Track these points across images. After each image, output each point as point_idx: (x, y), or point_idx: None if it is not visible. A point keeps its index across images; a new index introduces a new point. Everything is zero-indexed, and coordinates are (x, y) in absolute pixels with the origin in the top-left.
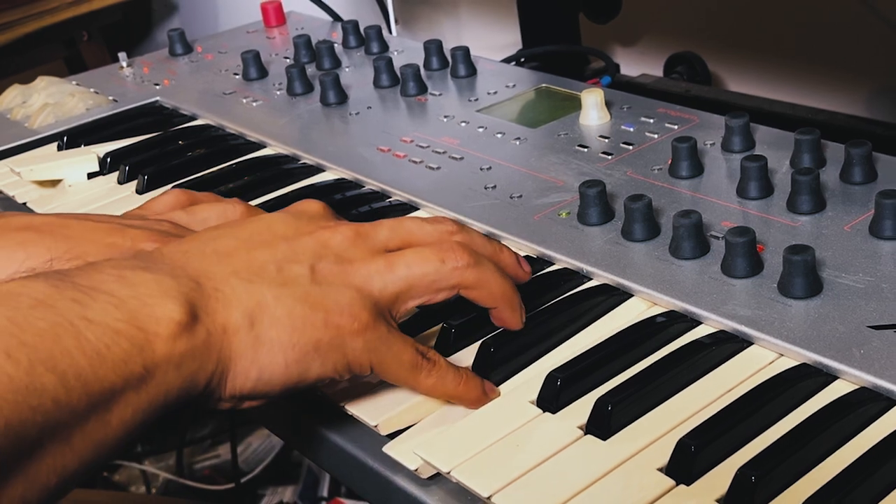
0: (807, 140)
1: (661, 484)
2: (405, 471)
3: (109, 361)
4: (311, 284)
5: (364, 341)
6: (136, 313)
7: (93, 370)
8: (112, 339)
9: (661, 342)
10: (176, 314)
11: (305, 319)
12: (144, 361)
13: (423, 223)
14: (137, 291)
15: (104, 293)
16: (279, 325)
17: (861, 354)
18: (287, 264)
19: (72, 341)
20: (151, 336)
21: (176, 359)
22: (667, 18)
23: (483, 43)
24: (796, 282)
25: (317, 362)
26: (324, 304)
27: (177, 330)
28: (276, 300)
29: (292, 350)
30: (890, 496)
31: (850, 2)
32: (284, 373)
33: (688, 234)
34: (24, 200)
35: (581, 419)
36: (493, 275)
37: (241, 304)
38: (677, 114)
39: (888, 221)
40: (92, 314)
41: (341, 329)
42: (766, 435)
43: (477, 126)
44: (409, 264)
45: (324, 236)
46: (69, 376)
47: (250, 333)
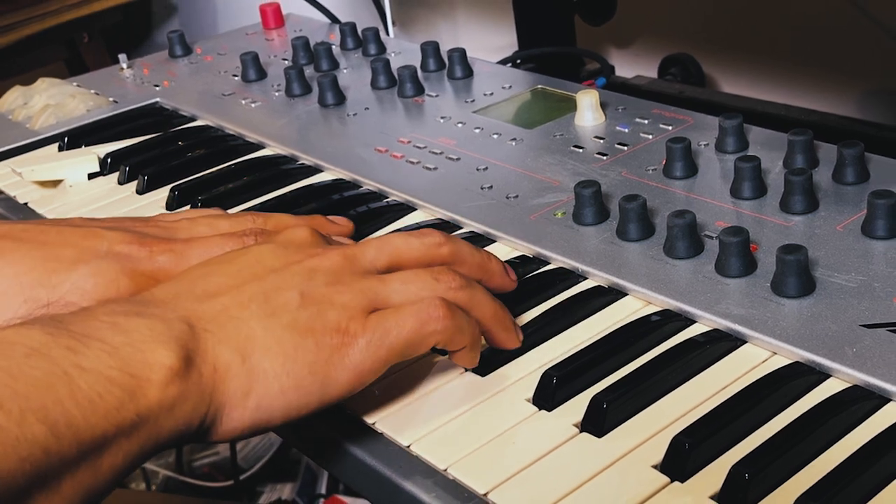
0: (800, 141)
1: (656, 481)
2: (403, 468)
3: (101, 409)
4: (299, 310)
5: (360, 349)
6: (128, 360)
7: (84, 419)
8: (105, 386)
9: (655, 341)
10: (168, 360)
11: (296, 345)
12: (137, 408)
13: (409, 238)
14: (131, 338)
15: (98, 340)
16: (271, 355)
17: (853, 353)
18: (275, 293)
19: (64, 390)
20: (144, 382)
21: (168, 403)
22: (661, 21)
23: (479, 45)
24: (789, 281)
25: (317, 385)
26: (312, 327)
27: (169, 375)
28: (265, 331)
29: (287, 377)
30: (882, 493)
31: (843, 4)
32: (282, 401)
33: (682, 234)
34: (26, 200)
35: (576, 417)
36: (482, 297)
37: (231, 341)
38: (671, 115)
39: (880, 221)
40: (85, 362)
41: (333, 347)
42: (759, 433)
43: (473, 127)
44: (403, 281)
45: (312, 263)
46: (60, 425)
47: (243, 368)
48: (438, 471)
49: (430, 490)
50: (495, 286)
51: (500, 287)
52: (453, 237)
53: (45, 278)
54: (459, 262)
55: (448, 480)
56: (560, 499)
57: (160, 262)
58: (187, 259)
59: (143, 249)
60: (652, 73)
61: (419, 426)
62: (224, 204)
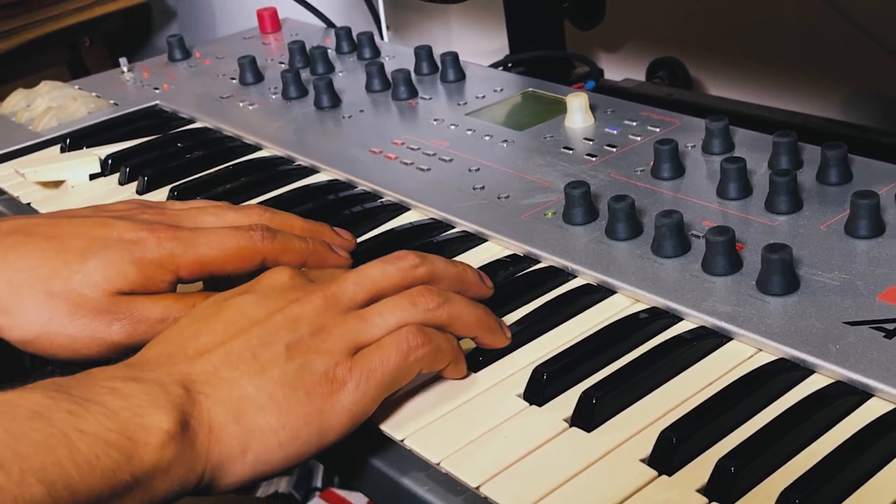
0: (784, 142)
1: (644, 475)
2: (397, 462)
3: (99, 471)
4: (287, 363)
5: (350, 392)
6: (126, 424)
7: (82, 480)
8: (102, 449)
9: (643, 338)
10: (164, 423)
11: (289, 399)
12: (133, 470)
13: (384, 266)
14: (129, 403)
15: (97, 404)
16: (265, 412)
17: (837, 349)
18: (262, 349)
19: (64, 452)
20: (141, 445)
21: (164, 465)
22: (649, 25)
23: (472, 49)
24: (774, 279)
25: (313, 434)
26: (302, 378)
27: (165, 438)
28: (256, 389)
29: (283, 430)
30: (864, 487)
31: (826, 9)
32: (280, 453)
33: (669, 234)
34: (28, 201)
35: (566, 412)
36: (463, 308)
37: (224, 402)
38: (659, 117)
39: (863, 221)
40: (85, 425)
41: (324, 396)
42: (744, 427)
43: (466, 129)
44: (382, 314)
45: (294, 311)
46: (58, 486)
47: (237, 428)
48: (432, 464)
49: (423, 483)
50: (472, 296)
51: (477, 296)
52: (427, 256)
53: (58, 270)
54: (437, 279)
55: (441, 474)
56: (550, 492)
57: (167, 248)
58: (194, 247)
59: (151, 237)
60: (640, 76)
61: (413, 421)
62: None
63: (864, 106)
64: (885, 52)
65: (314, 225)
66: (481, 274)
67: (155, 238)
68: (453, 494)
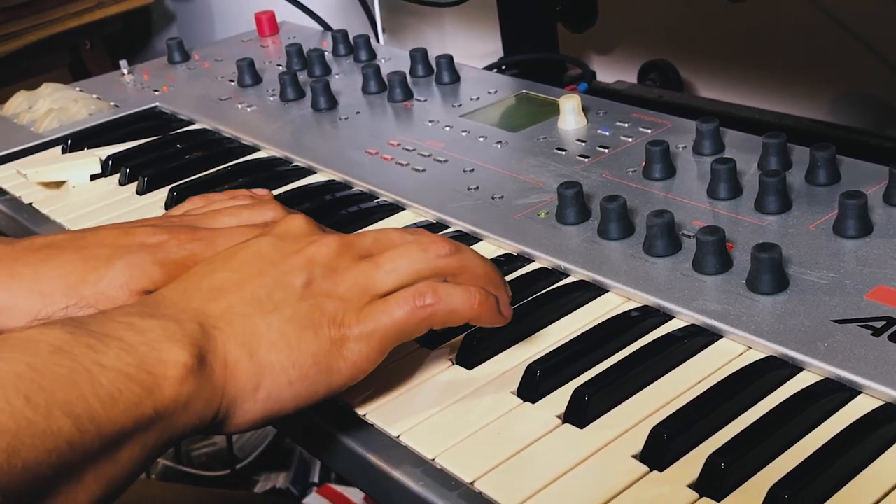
0: (773, 143)
1: (636, 470)
2: (392, 457)
3: (121, 405)
4: (299, 302)
5: (355, 339)
6: (145, 358)
7: (106, 413)
8: (124, 383)
9: (635, 336)
10: (182, 357)
11: (299, 337)
12: (154, 404)
13: (404, 233)
14: (146, 338)
15: (116, 339)
16: (276, 349)
17: (825, 347)
18: (276, 289)
19: (87, 386)
20: (160, 379)
21: (184, 399)
22: (641, 28)
23: (466, 51)
24: (764, 278)
25: (322, 375)
26: (312, 318)
27: (184, 372)
28: (268, 326)
29: (293, 368)
30: (852, 482)
31: (816, 13)
32: (291, 391)
33: (661, 233)
34: (30, 201)
35: (559, 409)
36: (474, 260)
37: (238, 338)
38: (651, 119)
39: (851, 221)
40: (105, 360)
41: (333, 339)
42: (735, 424)
43: (460, 130)
44: (393, 259)
45: (309, 252)
46: (84, 420)
47: (251, 363)
48: (426, 460)
49: (418, 479)
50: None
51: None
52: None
53: (86, 276)
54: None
55: (436, 469)
56: (543, 487)
57: (188, 248)
58: (214, 246)
59: (172, 239)
60: (632, 78)
61: (408, 417)
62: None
63: (853, 108)
64: (874, 55)
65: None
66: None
67: (176, 240)
68: (448, 489)
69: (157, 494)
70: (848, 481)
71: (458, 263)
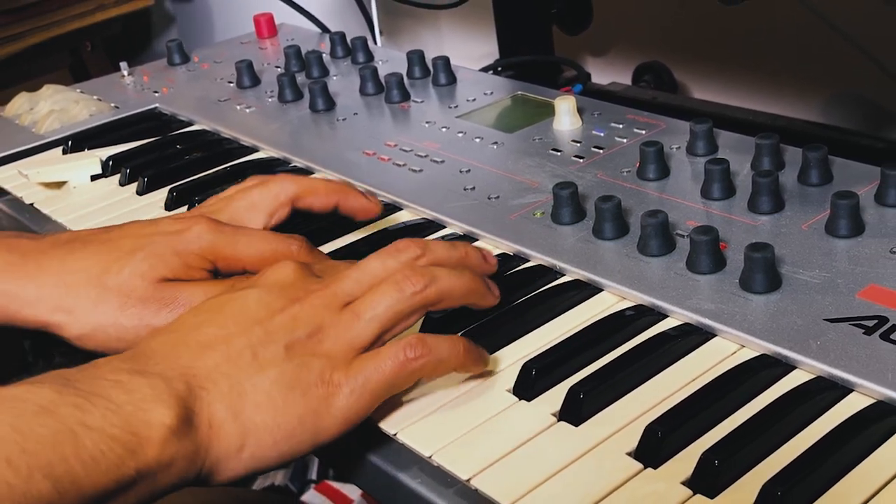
0: (766, 144)
1: (630, 467)
2: (389, 455)
3: (104, 466)
4: (285, 363)
5: (344, 396)
6: (130, 419)
7: (87, 475)
8: (107, 444)
9: (629, 334)
10: (167, 419)
11: (285, 399)
12: (137, 465)
13: (385, 259)
14: (133, 397)
15: (103, 398)
16: (261, 410)
17: (818, 346)
18: (262, 348)
19: (70, 448)
20: (144, 441)
21: (166, 460)
22: (635, 30)
23: (462, 53)
24: (757, 277)
25: (307, 434)
26: (299, 379)
27: (168, 434)
28: (254, 387)
29: (278, 430)
30: (844, 479)
31: (808, 15)
32: (275, 451)
33: (655, 233)
34: (32, 201)
35: (554, 407)
36: (451, 282)
37: (224, 398)
38: (645, 120)
39: (843, 221)
40: (90, 420)
41: (319, 398)
42: (728, 421)
43: (457, 131)
44: (372, 307)
45: (294, 311)
46: (65, 482)
47: (235, 424)
48: (423, 457)
49: (415, 476)
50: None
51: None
52: (427, 243)
53: (109, 266)
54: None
55: (433, 467)
56: (539, 484)
57: (207, 239)
58: (233, 244)
59: (193, 229)
60: (626, 80)
61: (405, 416)
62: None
63: (845, 109)
64: (865, 56)
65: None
66: (485, 252)
67: (196, 230)
68: (444, 487)
69: None
70: (840, 478)
71: (435, 294)
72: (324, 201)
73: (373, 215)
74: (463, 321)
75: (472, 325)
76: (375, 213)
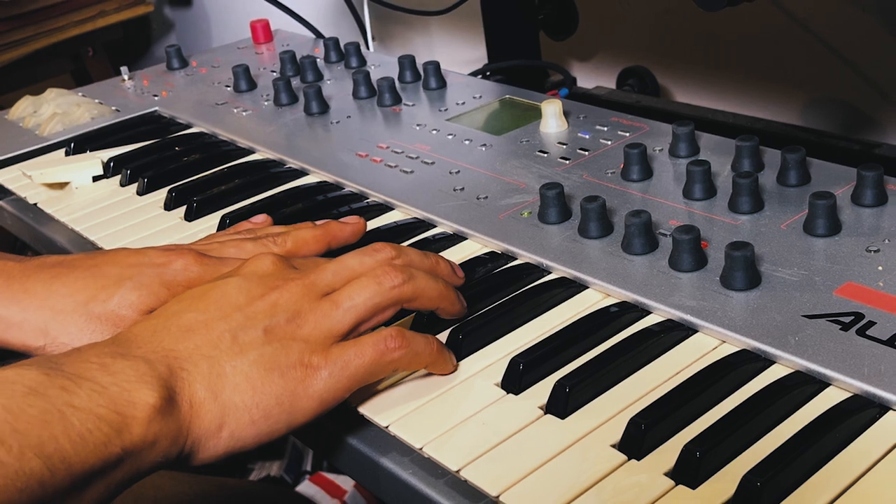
0: (746, 146)
1: (614, 459)
2: (381, 447)
3: (91, 445)
4: (264, 346)
5: (322, 379)
6: (116, 399)
7: (76, 453)
8: (95, 423)
9: (614, 330)
10: (151, 399)
11: (263, 380)
12: (123, 443)
13: (363, 257)
14: (117, 378)
15: (88, 380)
16: (240, 391)
17: (796, 341)
18: (241, 332)
19: (59, 427)
20: (129, 420)
21: (151, 439)
22: (619, 36)
23: (452, 58)
24: (737, 275)
25: (283, 415)
26: (277, 362)
27: (152, 413)
28: (234, 369)
29: (256, 409)
30: (822, 470)
31: (787, 21)
32: (253, 430)
33: (638, 232)
34: (35, 201)
35: (541, 400)
36: (426, 283)
37: (204, 379)
38: (629, 122)
39: (820, 220)
40: (77, 401)
41: (297, 380)
42: (709, 414)
43: (447, 133)
44: (350, 296)
45: (273, 297)
46: (55, 460)
47: (215, 404)
48: (414, 449)
49: (406, 467)
50: None
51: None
52: (402, 248)
53: (96, 294)
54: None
55: (423, 458)
56: (526, 475)
57: (195, 271)
58: (218, 273)
59: (179, 260)
60: (611, 83)
61: (397, 408)
62: (218, 203)
63: (822, 113)
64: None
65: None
66: (453, 265)
67: (183, 262)
68: (434, 477)
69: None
70: (817, 469)
71: (412, 291)
72: (315, 249)
73: (363, 230)
74: (451, 320)
75: (461, 320)
76: (363, 228)
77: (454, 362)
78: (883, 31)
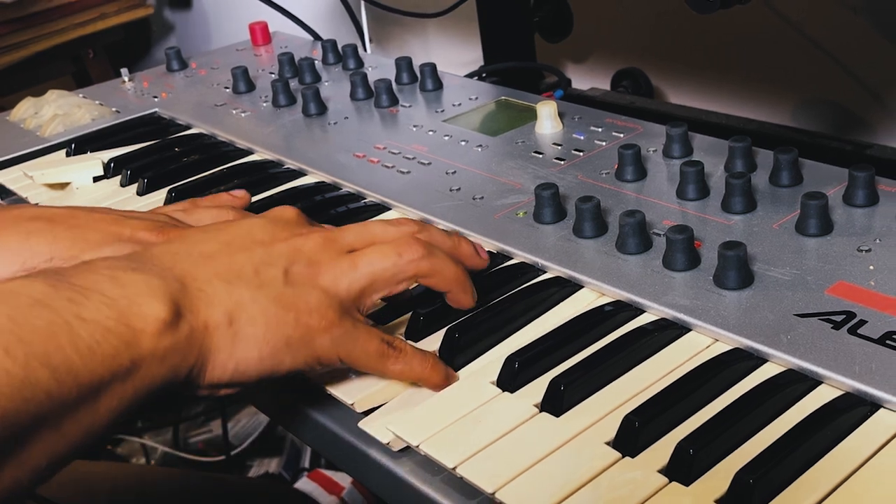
0: (739, 147)
1: (609, 456)
2: (378, 444)
3: (99, 356)
4: (284, 286)
5: (331, 338)
6: (125, 312)
7: (84, 364)
8: (103, 335)
9: (608, 329)
10: (161, 313)
11: (278, 318)
12: (131, 356)
13: (387, 226)
14: (127, 291)
15: (97, 293)
16: (255, 323)
17: (788, 340)
18: (263, 267)
19: (66, 338)
20: (138, 333)
21: (160, 353)
22: (614, 38)
23: (449, 60)
24: (730, 274)
25: (288, 356)
26: (295, 304)
27: (161, 327)
28: (252, 300)
29: (266, 345)
30: (814, 467)
31: (780, 23)
32: (258, 365)
33: (632, 232)
34: (36, 201)
35: (536, 398)
36: (445, 263)
37: (222, 304)
38: (623, 123)
39: (812, 220)
40: (85, 313)
41: (310, 327)
42: (703, 412)
43: (443, 134)
44: (370, 261)
45: (297, 242)
46: (62, 371)
47: (229, 330)
48: (411, 446)
49: (403, 464)
50: (467, 267)
51: (471, 267)
52: (426, 225)
53: (75, 257)
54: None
55: (420, 456)
56: (521, 472)
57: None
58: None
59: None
60: (605, 85)
61: (394, 407)
62: None
63: (814, 114)
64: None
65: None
66: (477, 246)
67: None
68: (431, 474)
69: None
70: (809, 466)
71: (429, 267)
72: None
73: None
74: (453, 315)
75: (460, 317)
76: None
77: (450, 376)
78: (874, 33)
